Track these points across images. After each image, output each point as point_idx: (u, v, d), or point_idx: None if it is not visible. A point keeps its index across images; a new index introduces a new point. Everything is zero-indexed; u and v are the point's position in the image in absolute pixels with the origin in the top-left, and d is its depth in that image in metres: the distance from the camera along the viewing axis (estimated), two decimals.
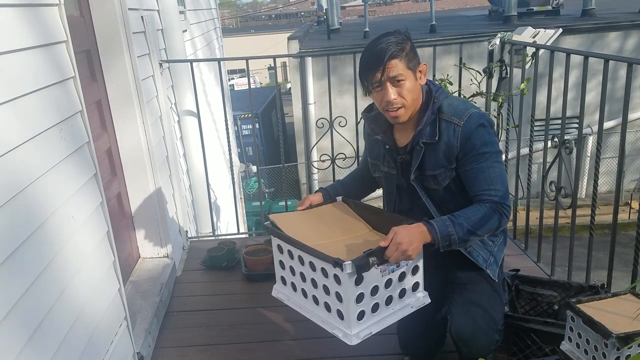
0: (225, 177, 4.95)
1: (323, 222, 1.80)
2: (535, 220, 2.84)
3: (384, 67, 1.60)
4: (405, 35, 1.65)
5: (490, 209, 1.62)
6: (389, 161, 1.80)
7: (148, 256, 2.68)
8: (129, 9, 2.37)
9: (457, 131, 1.63)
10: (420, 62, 1.66)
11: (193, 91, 3.12)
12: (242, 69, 20.96)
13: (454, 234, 1.57)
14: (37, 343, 1.32)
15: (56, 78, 1.55)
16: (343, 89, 8.39)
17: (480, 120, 1.63)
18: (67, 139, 1.58)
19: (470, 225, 1.59)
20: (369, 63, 1.63)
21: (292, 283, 1.71)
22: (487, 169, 1.63)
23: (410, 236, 1.53)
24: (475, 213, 1.62)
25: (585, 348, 1.54)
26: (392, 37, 1.63)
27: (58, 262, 1.46)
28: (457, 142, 1.63)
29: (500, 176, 1.64)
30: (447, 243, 1.58)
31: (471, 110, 1.65)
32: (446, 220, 1.59)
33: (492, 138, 1.65)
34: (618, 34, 9.18)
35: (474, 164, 1.64)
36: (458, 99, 1.73)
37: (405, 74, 1.61)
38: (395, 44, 1.60)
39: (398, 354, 2.03)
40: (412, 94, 1.64)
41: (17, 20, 1.38)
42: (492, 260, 1.76)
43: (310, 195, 1.93)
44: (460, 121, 1.63)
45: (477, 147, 1.62)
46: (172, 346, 2.22)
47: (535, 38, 2.95)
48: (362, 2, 12.30)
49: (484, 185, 1.64)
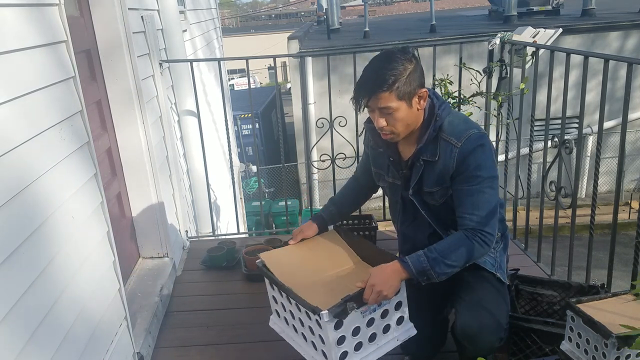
0: (225, 177, 4.95)
1: (313, 256, 1.84)
2: (535, 220, 2.84)
3: (371, 98, 1.60)
4: (409, 58, 1.60)
5: (467, 239, 1.61)
6: (394, 172, 1.80)
7: (148, 256, 2.68)
8: (129, 9, 2.37)
9: (454, 152, 1.62)
10: (421, 87, 1.62)
11: (193, 91, 3.12)
12: (242, 68, 20.96)
13: (429, 268, 1.58)
14: (38, 342, 1.32)
15: (56, 78, 1.55)
16: (343, 89, 8.38)
17: (478, 142, 1.61)
18: (67, 139, 1.58)
19: (446, 258, 1.58)
20: (360, 87, 1.63)
21: (284, 318, 1.76)
22: (476, 193, 1.61)
23: (385, 276, 1.55)
24: (451, 245, 1.61)
25: (585, 348, 1.54)
26: (392, 62, 1.58)
27: (58, 261, 1.46)
28: (453, 163, 1.63)
29: (488, 202, 1.61)
30: (425, 278, 1.59)
31: (470, 131, 1.62)
32: (421, 256, 1.59)
33: (488, 162, 1.63)
34: (618, 34, 9.18)
35: (465, 185, 1.63)
36: (460, 117, 1.69)
37: (395, 105, 1.59)
38: (390, 73, 1.56)
39: (398, 354, 2.03)
40: (403, 122, 1.63)
41: (17, 20, 1.38)
42: (498, 264, 1.78)
43: (303, 226, 1.94)
44: (458, 142, 1.61)
45: (471, 169, 1.61)
46: (172, 346, 2.22)
47: (535, 38, 2.95)
48: (362, 2, 12.30)
49: (468, 209, 1.62)
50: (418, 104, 1.64)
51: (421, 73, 1.64)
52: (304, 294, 1.60)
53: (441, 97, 1.73)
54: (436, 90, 2.93)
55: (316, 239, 1.92)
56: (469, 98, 2.89)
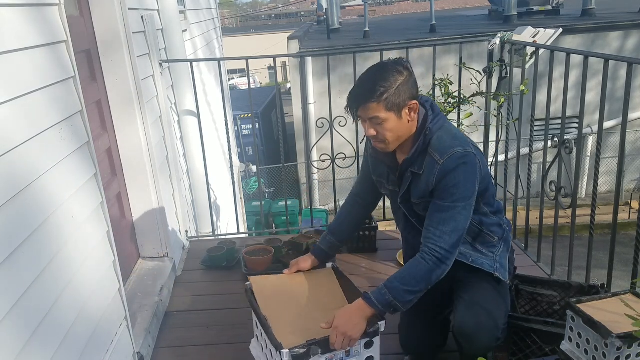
0: (225, 177, 4.95)
1: (302, 291, 1.86)
2: (535, 220, 2.84)
3: (361, 109, 1.62)
4: (400, 70, 1.62)
5: (423, 261, 1.62)
6: (393, 180, 1.82)
7: (148, 256, 2.68)
8: (129, 9, 2.37)
9: (436, 168, 1.63)
10: (412, 99, 1.63)
11: (193, 91, 3.12)
12: (242, 68, 20.96)
13: (393, 299, 1.59)
14: (38, 342, 1.32)
15: (56, 78, 1.55)
16: (343, 89, 8.35)
17: (460, 161, 1.61)
18: (67, 139, 1.58)
19: (406, 285, 1.60)
20: (351, 97, 1.65)
21: (260, 345, 1.77)
22: (446, 209, 1.62)
23: (348, 316, 1.58)
24: (409, 271, 1.63)
25: (585, 348, 1.54)
26: (383, 73, 1.61)
27: (58, 261, 1.46)
28: (433, 180, 1.64)
29: (455, 221, 1.62)
30: (391, 309, 1.61)
31: (455, 149, 1.62)
32: (382, 288, 1.62)
33: (468, 182, 1.62)
34: (618, 34, 9.18)
35: (438, 199, 1.65)
36: (450, 133, 1.68)
37: (384, 116, 1.61)
38: (380, 85, 1.58)
39: (398, 354, 2.03)
40: (393, 132, 1.65)
41: (17, 20, 1.38)
42: (497, 266, 1.78)
43: (300, 259, 1.95)
44: (441, 159, 1.62)
45: (448, 187, 1.62)
46: (172, 346, 2.22)
47: (535, 38, 2.95)
48: (362, 2, 12.30)
49: (434, 223, 1.64)
50: (408, 115, 1.65)
51: (413, 84, 1.64)
52: (277, 326, 1.63)
53: (438, 108, 1.73)
54: (436, 90, 2.93)
55: (311, 274, 1.93)
56: (469, 98, 2.89)
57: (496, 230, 1.79)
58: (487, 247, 1.78)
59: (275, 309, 1.75)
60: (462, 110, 2.93)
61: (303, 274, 1.93)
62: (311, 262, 1.93)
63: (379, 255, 2.91)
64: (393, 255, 2.87)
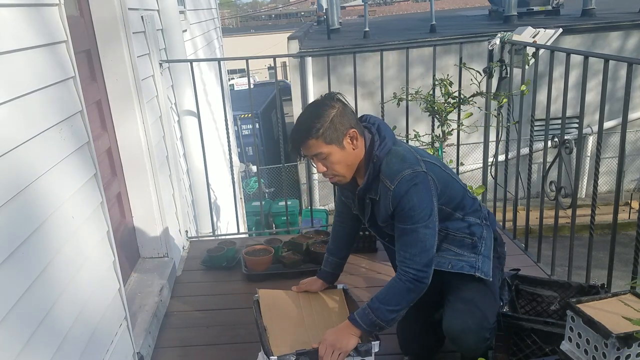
0: (225, 177, 4.95)
1: (308, 307, 1.89)
2: (535, 220, 2.84)
3: (301, 147, 1.66)
4: (331, 104, 1.65)
5: (400, 282, 1.66)
6: (358, 205, 1.84)
7: (148, 256, 2.68)
8: (129, 9, 2.37)
9: (389, 194, 1.65)
10: (350, 128, 1.65)
11: (193, 91, 3.12)
12: (242, 68, 20.95)
13: (376, 319, 1.64)
14: (38, 342, 1.32)
15: (56, 78, 1.55)
16: (343, 89, 8.33)
17: (411, 183, 1.62)
18: (67, 139, 1.58)
19: (387, 305, 1.65)
20: (291, 139, 1.70)
21: None
22: (410, 232, 1.64)
23: (337, 334, 1.64)
24: (389, 291, 1.67)
25: (585, 348, 1.54)
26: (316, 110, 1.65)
27: (58, 261, 1.46)
28: (390, 205, 1.66)
29: (420, 241, 1.63)
30: (377, 328, 1.66)
31: (404, 172, 1.63)
32: (366, 309, 1.66)
33: (422, 203, 1.62)
34: (618, 34, 9.18)
35: (399, 224, 1.67)
36: (398, 156, 1.68)
37: (326, 150, 1.64)
38: (314, 122, 1.62)
39: (398, 354, 2.03)
40: (341, 164, 1.67)
41: (17, 20, 1.38)
42: (479, 264, 1.76)
43: (309, 280, 1.99)
44: (392, 185, 1.64)
45: (406, 210, 1.64)
46: (172, 346, 2.22)
47: (535, 38, 2.95)
48: (362, 2, 12.29)
49: (402, 246, 1.67)
50: (351, 144, 1.67)
51: (350, 114, 1.67)
52: (275, 336, 1.67)
53: (384, 130, 1.72)
54: (436, 90, 2.93)
55: (320, 293, 1.97)
56: (469, 98, 2.89)
57: (475, 230, 1.78)
58: (468, 249, 1.77)
59: (277, 321, 1.78)
60: (462, 110, 2.94)
61: (313, 293, 1.97)
62: (320, 285, 1.97)
63: (378, 255, 2.91)
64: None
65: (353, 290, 2.00)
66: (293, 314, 1.86)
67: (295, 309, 1.89)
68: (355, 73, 3.20)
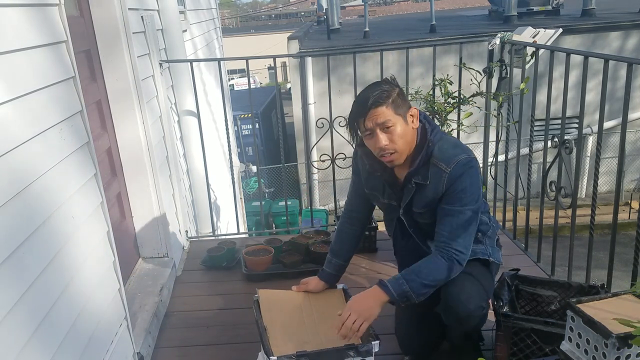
0: (225, 177, 4.95)
1: (308, 307, 1.89)
2: (535, 220, 2.84)
3: (371, 115, 1.66)
4: (393, 83, 1.72)
5: (442, 259, 1.69)
6: (389, 193, 1.86)
7: (148, 256, 2.68)
8: (129, 9, 2.37)
9: (443, 177, 1.69)
10: (410, 107, 1.72)
11: (193, 91, 3.12)
12: (242, 69, 20.95)
13: (409, 289, 1.65)
14: (38, 343, 1.32)
15: (56, 78, 1.55)
16: (343, 89, 8.38)
17: (466, 167, 1.68)
18: (67, 139, 1.58)
19: (423, 279, 1.67)
20: (357, 111, 1.69)
21: None
22: (457, 213, 1.69)
23: (362, 299, 1.67)
24: (428, 266, 1.69)
25: (585, 348, 1.54)
26: (379, 86, 1.69)
27: (58, 261, 1.46)
28: (442, 188, 1.70)
29: (466, 223, 1.70)
30: (405, 299, 1.67)
31: (460, 156, 1.69)
32: (400, 278, 1.68)
33: (474, 186, 1.70)
34: (618, 34, 9.18)
35: (448, 205, 1.71)
36: (450, 142, 1.76)
37: (393, 119, 1.66)
38: (381, 92, 1.66)
39: (398, 354, 2.03)
40: (403, 138, 1.69)
41: (18, 20, 1.38)
42: (489, 252, 1.86)
43: (310, 281, 1.99)
44: (448, 167, 1.69)
45: (457, 192, 1.69)
46: (172, 346, 2.22)
47: (535, 38, 2.95)
48: (362, 2, 12.30)
49: (447, 227, 1.71)
50: (412, 122, 1.72)
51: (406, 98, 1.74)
52: (275, 336, 1.68)
53: (432, 121, 1.81)
54: (436, 90, 2.93)
55: (319, 293, 1.98)
56: (469, 98, 2.89)
57: (483, 228, 1.86)
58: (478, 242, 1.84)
59: (277, 321, 1.79)
60: (462, 110, 2.94)
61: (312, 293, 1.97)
62: (321, 286, 1.97)
63: (378, 255, 2.91)
64: (393, 255, 2.86)
65: (353, 290, 2.00)
66: (293, 314, 1.86)
67: (295, 309, 1.89)
68: (355, 73, 3.20)
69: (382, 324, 2.04)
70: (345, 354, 1.62)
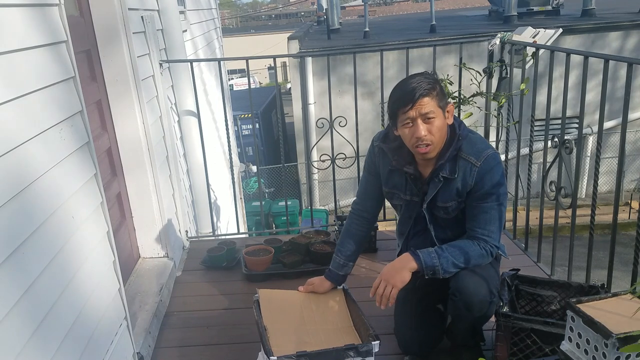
0: (225, 177, 4.95)
1: (308, 307, 1.90)
2: (535, 220, 2.84)
3: (418, 104, 1.66)
4: (434, 77, 1.74)
5: (477, 246, 1.74)
6: (413, 189, 1.87)
7: (148, 256, 2.68)
8: (129, 9, 2.37)
9: (473, 171, 1.73)
10: (448, 103, 1.75)
11: (193, 91, 3.12)
12: (242, 69, 20.95)
13: (439, 265, 1.70)
14: (38, 343, 1.32)
15: (56, 78, 1.54)
16: (343, 89, 8.38)
17: (495, 162, 1.74)
18: (67, 139, 1.58)
19: (456, 259, 1.72)
20: (402, 99, 1.69)
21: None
22: (489, 209, 1.75)
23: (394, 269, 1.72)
24: (461, 248, 1.74)
25: (585, 348, 1.54)
26: (424, 77, 1.71)
27: (58, 261, 1.46)
28: (472, 181, 1.74)
29: (498, 218, 1.76)
30: (431, 272, 1.71)
31: (488, 151, 1.74)
32: (432, 252, 1.73)
33: (502, 180, 1.76)
34: (618, 34, 9.18)
35: (479, 202, 1.75)
36: (477, 137, 1.81)
37: (436, 111, 1.69)
38: (427, 83, 1.68)
39: (398, 354, 2.03)
40: (440, 131, 1.72)
41: (18, 20, 1.38)
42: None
43: (316, 281, 1.99)
44: (478, 162, 1.72)
45: (487, 188, 1.73)
46: (172, 346, 2.22)
47: (535, 38, 2.95)
48: (362, 2, 12.30)
49: (480, 224, 1.76)
50: (448, 118, 1.75)
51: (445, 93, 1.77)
52: (275, 336, 1.68)
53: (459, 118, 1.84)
54: None
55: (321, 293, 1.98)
56: (469, 98, 2.89)
57: None
58: None
59: (277, 320, 1.79)
60: (462, 111, 2.94)
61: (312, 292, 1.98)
62: (327, 286, 1.97)
63: (378, 255, 2.91)
64: (393, 255, 2.83)
65: (353, 290, 2.00)
66: (293, 314, 1.86)
67: (296, 309, 1.89)
68: (355, 73, 3.20)
69: (382, 324, 2.05)
70: (345, 354, 1.62)
